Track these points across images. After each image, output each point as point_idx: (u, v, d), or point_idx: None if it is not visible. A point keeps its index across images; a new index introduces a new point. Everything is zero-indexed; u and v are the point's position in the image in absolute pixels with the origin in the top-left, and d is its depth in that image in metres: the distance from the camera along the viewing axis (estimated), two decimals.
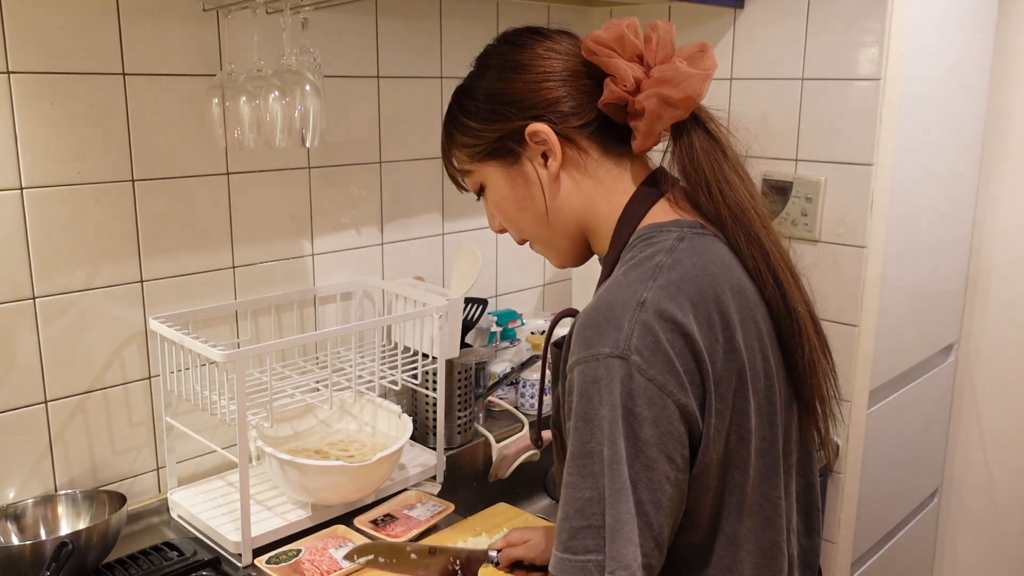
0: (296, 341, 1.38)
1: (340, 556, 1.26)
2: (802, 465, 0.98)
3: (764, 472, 0.88)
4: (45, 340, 1.29)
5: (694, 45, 0.91)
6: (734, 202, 0.89)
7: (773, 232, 0.92)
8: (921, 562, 2.34)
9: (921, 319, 1.97)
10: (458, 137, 0.98)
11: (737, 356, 0.84)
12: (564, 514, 0.81)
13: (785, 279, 0.90)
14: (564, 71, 0.92)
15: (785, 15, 1.70)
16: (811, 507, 1.00)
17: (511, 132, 0.93)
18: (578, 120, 0.91)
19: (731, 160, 0.91)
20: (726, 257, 0.89)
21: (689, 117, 0.90)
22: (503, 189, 0.97)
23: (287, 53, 1.31)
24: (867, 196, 1.66)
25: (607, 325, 0.80)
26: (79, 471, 1.36)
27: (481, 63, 0.98)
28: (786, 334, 0.90)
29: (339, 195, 1.62)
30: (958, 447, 2.32)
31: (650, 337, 0.79)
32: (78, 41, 1.26)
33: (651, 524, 0.78)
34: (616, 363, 0.78)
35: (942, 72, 1.82)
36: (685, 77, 0.87)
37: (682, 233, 0.88)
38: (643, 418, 0.78)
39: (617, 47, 0.89)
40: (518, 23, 1.80)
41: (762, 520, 0.88)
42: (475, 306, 1.80)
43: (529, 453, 1.71)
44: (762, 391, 0.87)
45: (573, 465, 0.81)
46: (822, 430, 0.96)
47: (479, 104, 0.95)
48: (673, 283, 0.83)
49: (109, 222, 1.33)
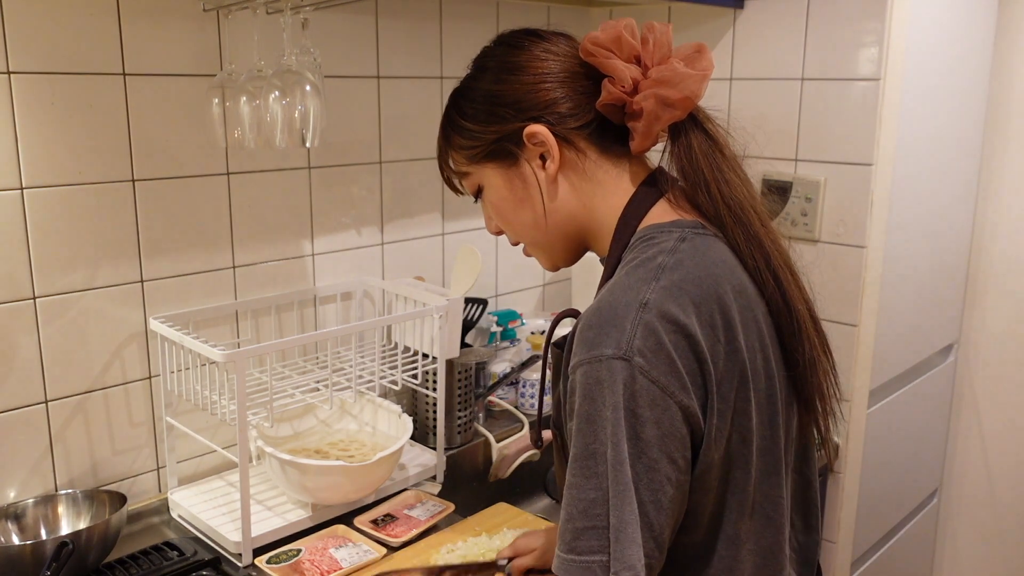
0: (296, 341, 1.38)
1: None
2: (799, 462, 0.98)
3: (765, 471, 0.88)
4: (45, 340, 1.29)
5: (691, 46, 0.91)
6: (733, 201, 0.89)
7: (773, 231, 0.92)
8: (921, 562, 2.34)
9: (921, 319, 1.97)
10: (455, 139, 0.97)
11: (739, 356, 0.84)
12: (568, 515, 0.81)
13: (785, 278, 0.90)
14: (561, 72, 0.92)
15: (785, 15, 1.70)
16: (809, 504, 1.00)
17: (509, 134, 0.92)
18: (576, 121, 0.91)
19: (729, 160, 0.91)
20: (727, 257, 0.89)
21: (687, 117, 0.90)
22: (501, 190, 0.97)
23: (287, 53, 1.31)
24: (867, 196, 1.66)
25: (610, 326, 0.80)
26: (79, 471, 1.36)
27: (478, 65, 0.98)
28: (786, 333, 0.90)
29: (339, 195, 1.62)
30: (958, 447, 2.32)
31: (653, 338, 0.79)
32: (78, 41, 1.26)
33: (652, 525, 0.78)
34: (619, 364, 0.78)
35: (942, 72, 1.82)
36: (682, 78, 0.87)
37: (683, 233, 0.88)
38: (645, 419, 0.78)
39: (615, 48, 0.89)
40: (518, 23, 1.80)
41: (763, 519, 0.88)
42: (475, 306, 1.80)
43: (529, 453, 1.71)
44: (763, 391, 0.87)
45: (576, 466, 0.81)
46: (822, 428, 0.96)
47: (476, 106, 0.95)
48: (676, 284, 0.83)
49: (109, 222, 1.33)
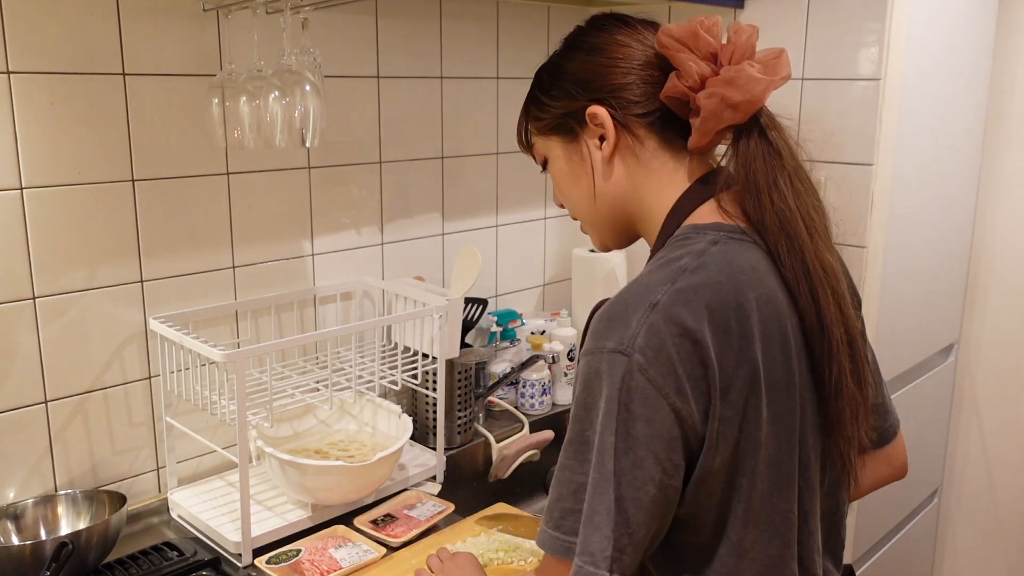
0: (296, 341, 1.38)
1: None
2: (833, 486, 0.96)
3: (775, 484, 0.87)
4: (45, 340, 1.29)
5: (773, 51, 0.91)
6: (781, 211, 0.88)
7: (822, 247, 0.90)
8: (921, 562, 2.34)
9: (921, 319, 1.97)
10: (532, 110, 1.02)
11: (751, 365, 0.83)
12: (558, 494, 0.84)
13: (823, 296, 0.88)
14: (636, 60, 0.93)
15: (785, 15, 1.70)
16: (831, 529, 0.98)
17: (574, 111, 0.95)
18: (640, 108, 0.92)
19: (789, 170, 0.89)
20: (759, 264, 0.88)
21: (750, 121, 0.89)
22: (561, 164, 1.00)
23: (287, 53, 1.31)
24: (867, 196, 1.66)
25: (617, 321, 0.82)
26: (79, 471, 1.36)
27: (566, 43, 1.00)
28: (816, 351, 0.89)
29: (339, 195, 1.62)
30: (958, 447, 2.32)
31: (655, 339, 0.79)
32: (78, 41, 1.26)
33: (628, 521, 0.79)
34: (618, 359, 0.80)
35: (942, 72, 1.82)
36: (748, 81, 0.87)
37: (717, 237, 0.88)
38: (637, 416, 0.79)
39: (690, 43, 0.89)
40: (518, 23, 1.80)
41: (770, 531, 0.87)
42: (475, 306, 1.80)
43: (529, 453, 1.70)
44: (780, 403, 0.86)
45: (571, 450, 0.83)
46: (843, 453, 0.93)
47: (551, 80, 0.98)
48: (692, 287, 0.83)
49: (109, 222, 1.33)
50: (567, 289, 2.12)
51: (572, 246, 2.05)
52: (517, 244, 2.00)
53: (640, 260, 2.04)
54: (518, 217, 1.99)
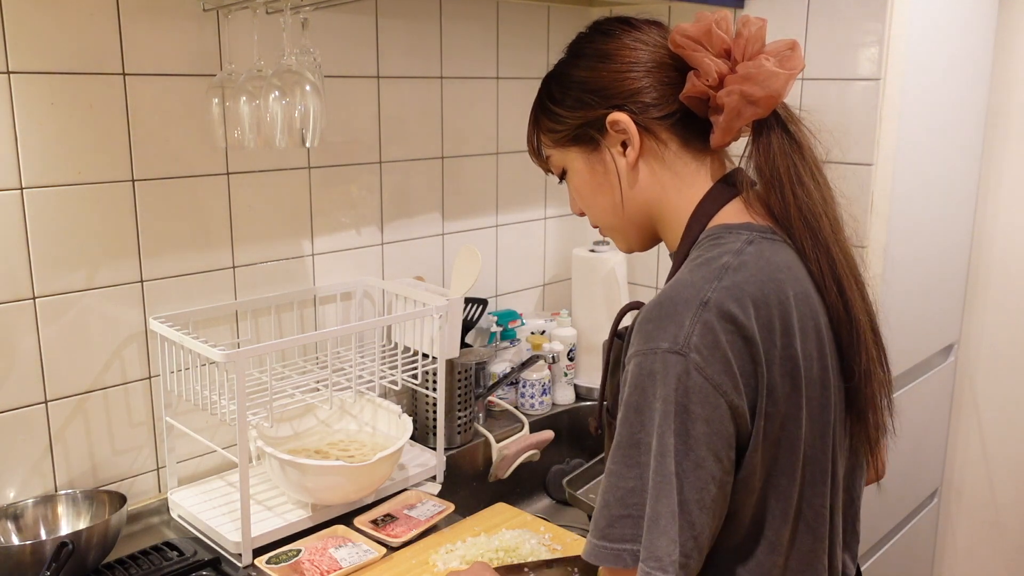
0: (296, 341, 1.38)
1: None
2: (848, 479, 0.96)
3: (811, 481, 0.87)
4: (45, 340, 1.29)
5: (784, 43, 0.90)
6: (805, 205, 0.88)
7: (843, 239, 0.91)
8: (921, 562, 2.34)
9: (921, 319, 1.97)
10: (544, 122, 1.00)
11: (793, 362, 0.83)
12: (604, 502, 0.82)
13: (849, 287, 0.89)
14: (649, 62, 0.92)
15: (785, 15, 1.70)
16: (848, 524, 0.99)
17: (593, 120, 0.94)
18: (659, 111, 0.92)
19: (809, 163, 0.90)
20: (793, 263, 0.88)
21: (771, 116, 0.89)
22: (583, 174, 0.99)
23: (287, 53, 1.31)
24: (867, 196, 1.66)
25: (668, 321, 0.81)
26: (79, 471, 1.36)
27: (571, 51, 0.99)
28: (845, 343, 0.89)
29: (339, 195, 1.62)
30: (958, 447, 2.32)
31: (710, 336, 0.79)
32: (78, 41, 1.26)
33: (693, 523, 0.78)
34: (674, 359, 0.79)
35: (942, 72, 1.82)
36: (768, 75, 0.87)
37: (751, 236, 0.88)
38: (696, 416, 0.78)
39: (704, 41, 0.89)
40: (518, 23, 1.80)
41: (805, 528, 0.87)
42: (475, 306, 1.80)
43: (529, 453, 1.71)
44: (816, 399, 0.86)
45: (619, 454, 0.81)
46: (872, 440, 0.94)
47: (564, 91, 0.97)
48: (738, 285, 0.82)
49: (109, 222, 1.33)
50: (567, 289, 2.12)
51: (572, 246, 2.05)
52: (517, 244, 2.00)
53: (640, 260, 2.05)
54: (518, 217, 1.99)
